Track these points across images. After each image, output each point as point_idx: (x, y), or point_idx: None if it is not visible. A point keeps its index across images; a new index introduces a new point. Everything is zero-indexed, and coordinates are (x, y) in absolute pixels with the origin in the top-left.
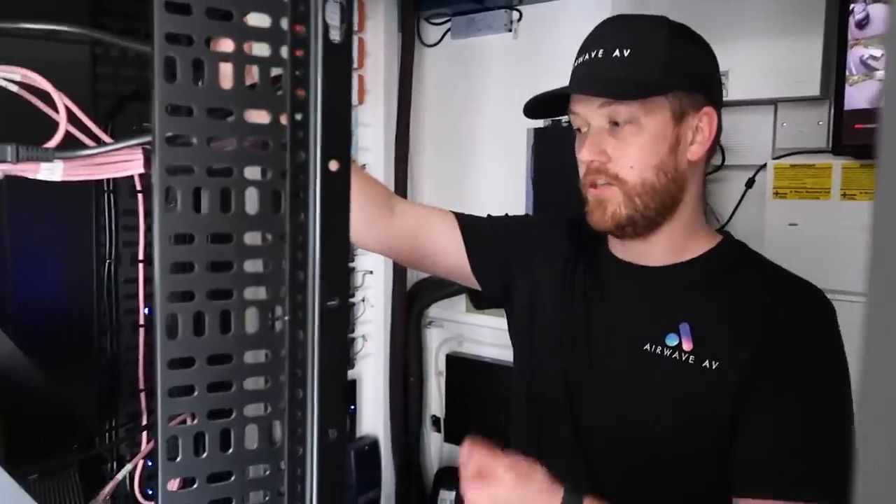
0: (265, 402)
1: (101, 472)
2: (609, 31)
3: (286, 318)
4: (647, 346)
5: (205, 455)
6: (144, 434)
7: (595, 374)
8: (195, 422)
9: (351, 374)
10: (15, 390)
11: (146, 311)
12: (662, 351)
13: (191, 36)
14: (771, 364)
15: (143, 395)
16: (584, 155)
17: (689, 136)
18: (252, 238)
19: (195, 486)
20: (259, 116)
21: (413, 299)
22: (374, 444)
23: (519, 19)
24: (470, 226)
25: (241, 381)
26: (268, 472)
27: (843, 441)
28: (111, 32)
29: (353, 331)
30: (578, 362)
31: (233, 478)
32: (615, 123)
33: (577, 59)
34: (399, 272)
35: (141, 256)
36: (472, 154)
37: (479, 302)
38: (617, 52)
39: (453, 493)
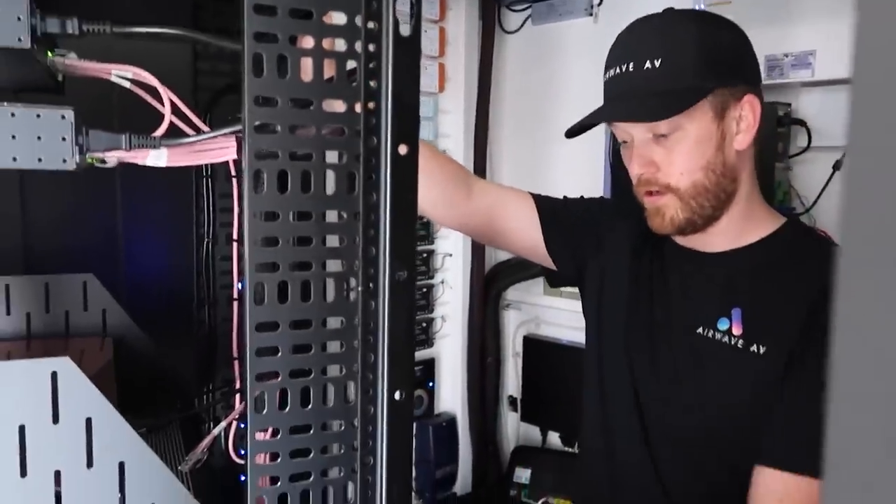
0: (340, 364)
1: (199, 430)
2: (636, 40)
3: (359, 288)
4: (701, 330)
5: (287, 409)
6: (237, 397)
7: (653, 356)
8: (279, 380)
9: (429, 352)
10: (127, 355)
11: (240, 285)
12: (714, 335)
13: (276, 34)
14: (810, 355)
15: (236, 363)
16: (634, 169)
17: (734, 127)
18: (329, 216)
19: (279, 436)
20: (336, 106)
21: (491, 282)
22: (451, 421)
23: (599, 3)
24: (546, 207)
25: (320, 344)
26: (343, 428)
27: None
28: (210, 30)
29: (432, 311)
30: (640, 344)
31: (311, 431)
32: (660, 135)
33: (607, 70)
34: (478, 255)
35: (235, 236)
36: (551, 139)
37: (554, 280)
38: (648, 64)
39: (528, 471)
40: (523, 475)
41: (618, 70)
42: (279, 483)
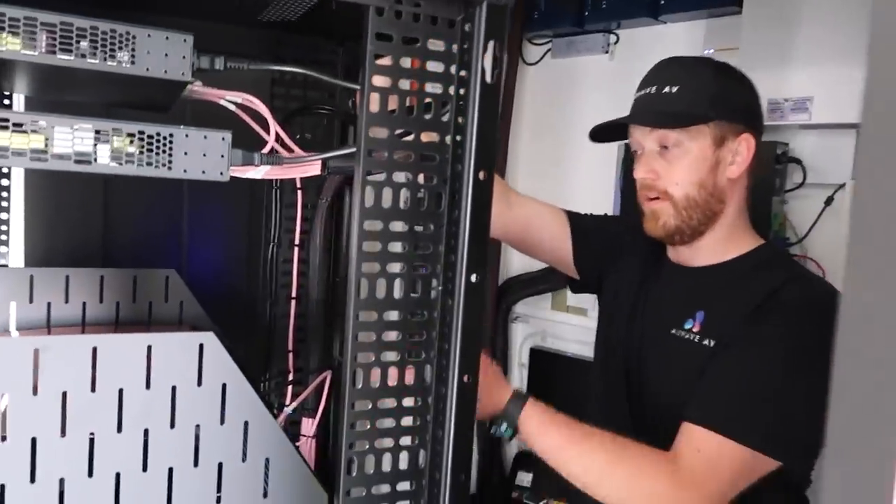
0: (421, 349)
1: None
2: (662, 71)
3: (439, 288)
4: (674, 331)
5: (377, 385)
6: (290, 388)
7: (641, 354)
8: (372, 359)
9: None
10: None
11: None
12: (682, 334)
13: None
14: (739, 338)
15: (290, 356)
16: (639, 173)
17: (729, 157)
18: (420, 227)
19: (370, 407)
20: (430, 137)
21: (503, 295)
22: None
23: (616, 42)
24: (578, 225)
25: (406, 332)
26: (419, 403)
27: (783, 404)
28: (288, 61)
29: None
30: (632, 344)
31: (394, 404)
32: (664, 147)
33: (637, 93)
34: (492, 269)
35: (297, 241)
36: (566, 165)
37: (576, 288)
38: (667, 88)
39: (530, 475)
40: (525, 479)
41: (644, 92)
42: (367, 446)
